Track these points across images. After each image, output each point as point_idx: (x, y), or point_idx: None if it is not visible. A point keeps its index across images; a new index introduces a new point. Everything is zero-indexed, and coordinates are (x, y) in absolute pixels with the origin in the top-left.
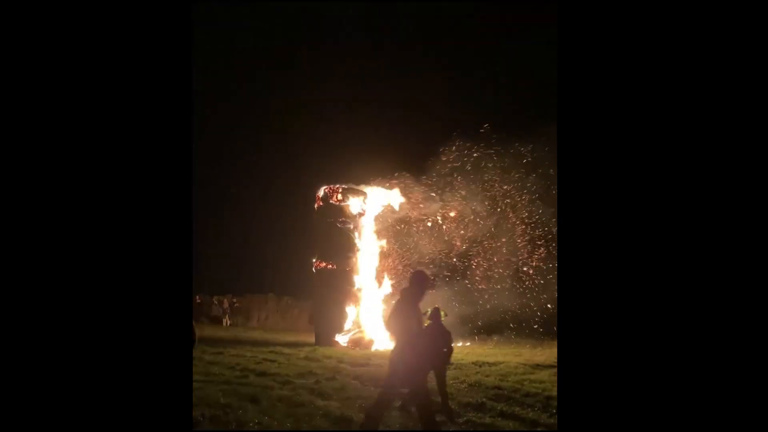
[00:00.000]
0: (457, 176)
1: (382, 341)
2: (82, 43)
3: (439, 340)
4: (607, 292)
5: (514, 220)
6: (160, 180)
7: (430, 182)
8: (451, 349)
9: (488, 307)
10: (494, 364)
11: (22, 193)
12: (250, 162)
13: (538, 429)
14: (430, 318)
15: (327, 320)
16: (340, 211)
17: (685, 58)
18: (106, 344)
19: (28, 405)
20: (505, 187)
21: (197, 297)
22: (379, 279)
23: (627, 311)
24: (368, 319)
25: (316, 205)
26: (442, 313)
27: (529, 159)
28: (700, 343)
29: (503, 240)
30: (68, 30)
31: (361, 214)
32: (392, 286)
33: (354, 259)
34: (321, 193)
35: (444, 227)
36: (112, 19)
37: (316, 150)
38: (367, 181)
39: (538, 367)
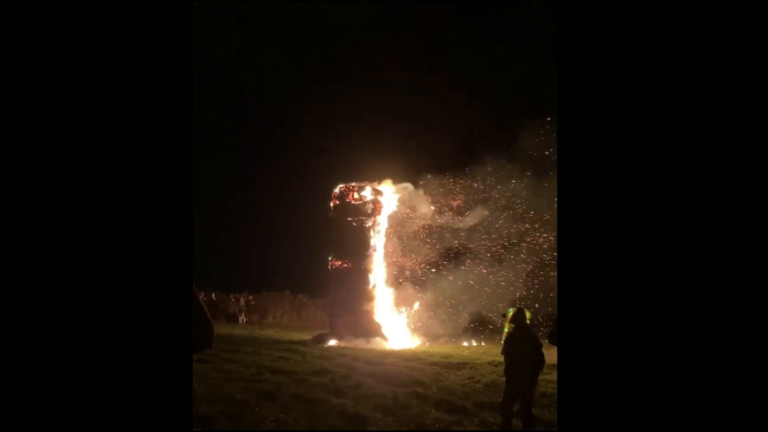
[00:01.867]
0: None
1: (396, 340)
2: (81, 33)
3: (528, 347)
4: (607, 291)
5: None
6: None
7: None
8: (542, 357)
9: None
10: None
11: (19, 189)
12: (266, 160)
13: (553, 429)
14: (511, 321)
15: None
16: (356, 210)
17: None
18: (103, 342)
19: (24, 404)
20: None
21: (213, 294)
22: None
23: (628, 311)
24: (382, 317)
25: (332, 204)
26: (527, 314)
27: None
28: (702, 343)
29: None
30: (67, 28)
31: (377, 213)
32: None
33: (369, 258)
34: (337, 191)
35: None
36: (111, 13)
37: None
38: (383, 180)
39: (553, 367)
